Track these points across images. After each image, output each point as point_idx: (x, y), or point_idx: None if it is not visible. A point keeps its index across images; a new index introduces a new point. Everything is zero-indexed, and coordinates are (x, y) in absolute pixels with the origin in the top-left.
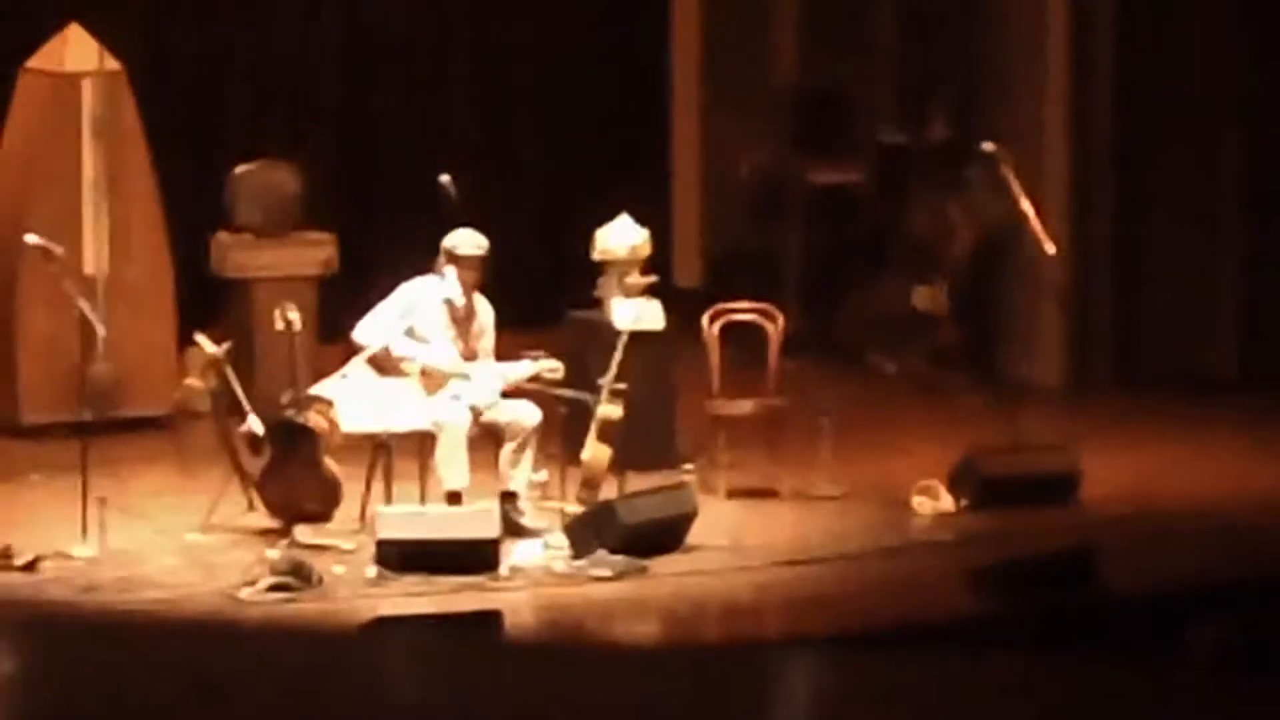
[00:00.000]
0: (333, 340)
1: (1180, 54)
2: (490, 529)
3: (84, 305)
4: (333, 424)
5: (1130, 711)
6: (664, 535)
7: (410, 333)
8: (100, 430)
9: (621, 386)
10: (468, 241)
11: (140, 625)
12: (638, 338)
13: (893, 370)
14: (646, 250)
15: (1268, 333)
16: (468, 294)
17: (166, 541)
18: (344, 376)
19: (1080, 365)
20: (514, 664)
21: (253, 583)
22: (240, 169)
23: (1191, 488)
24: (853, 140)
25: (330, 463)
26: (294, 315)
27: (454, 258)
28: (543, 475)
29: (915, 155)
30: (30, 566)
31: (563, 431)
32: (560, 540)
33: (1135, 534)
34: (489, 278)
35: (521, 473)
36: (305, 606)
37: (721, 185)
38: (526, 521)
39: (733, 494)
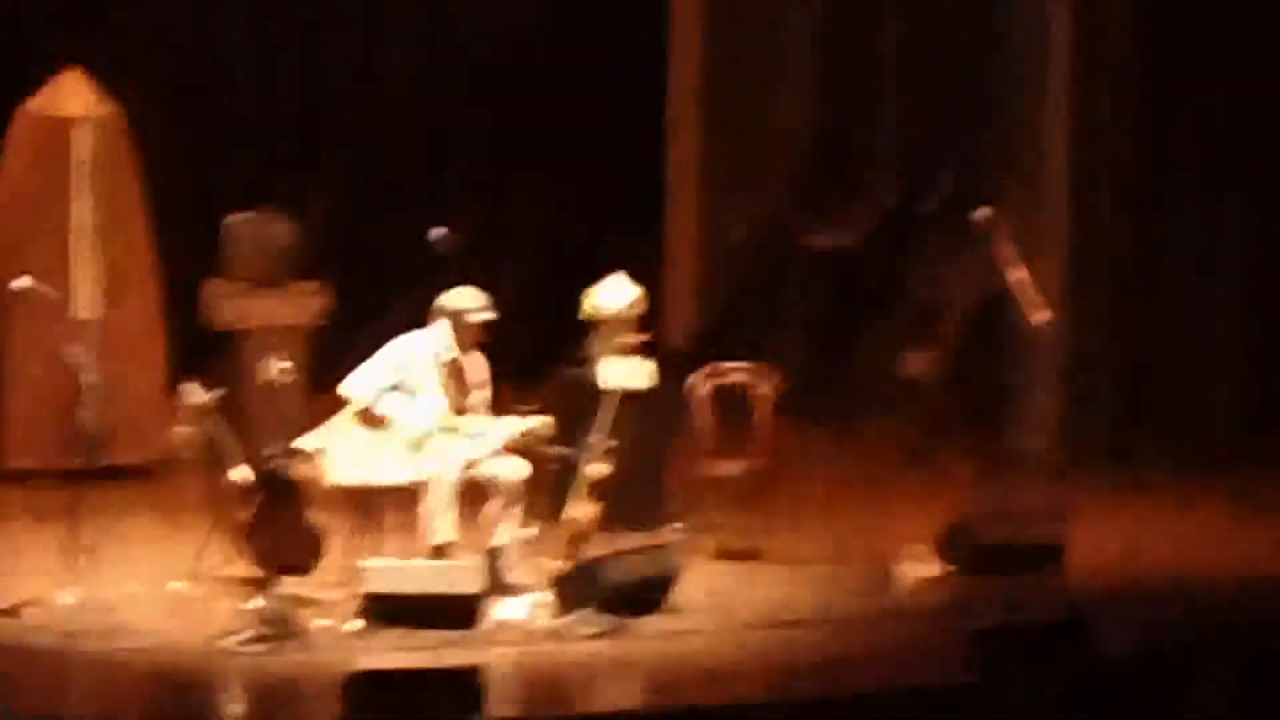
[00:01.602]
0: (324, 391)
1: (1184, 124)
2: (475, 584)
3: (73, 351)
4: (320, 476)
5: None
6: (649, 594)
7: (403, 386)
8: (87, 477)
9: (611, 444)
10: (471, 303)
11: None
12: (628, 396)
13: (884, 432)
14: (640, 308)
15: (1266, 406)
16: (464, 351)
17: (151, 590)
18: (333, 429)
19: (1074, 435)
20: None
21: (236, 632)
22: (236, 218)
23: (1179, 556)
24: (855, 201)
25: (316, 514)
26: (285, 365)
27: (455, 317)
28: (531, 531)
29: (915, 220)
30: (13, 612)
31: (551, 488)
32: (545, 597)
33: (1123, 601)
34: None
35: (508, 528)
36: (288, 658)
37: (716, 246)
38: (512, 578)
39: (721, 555)
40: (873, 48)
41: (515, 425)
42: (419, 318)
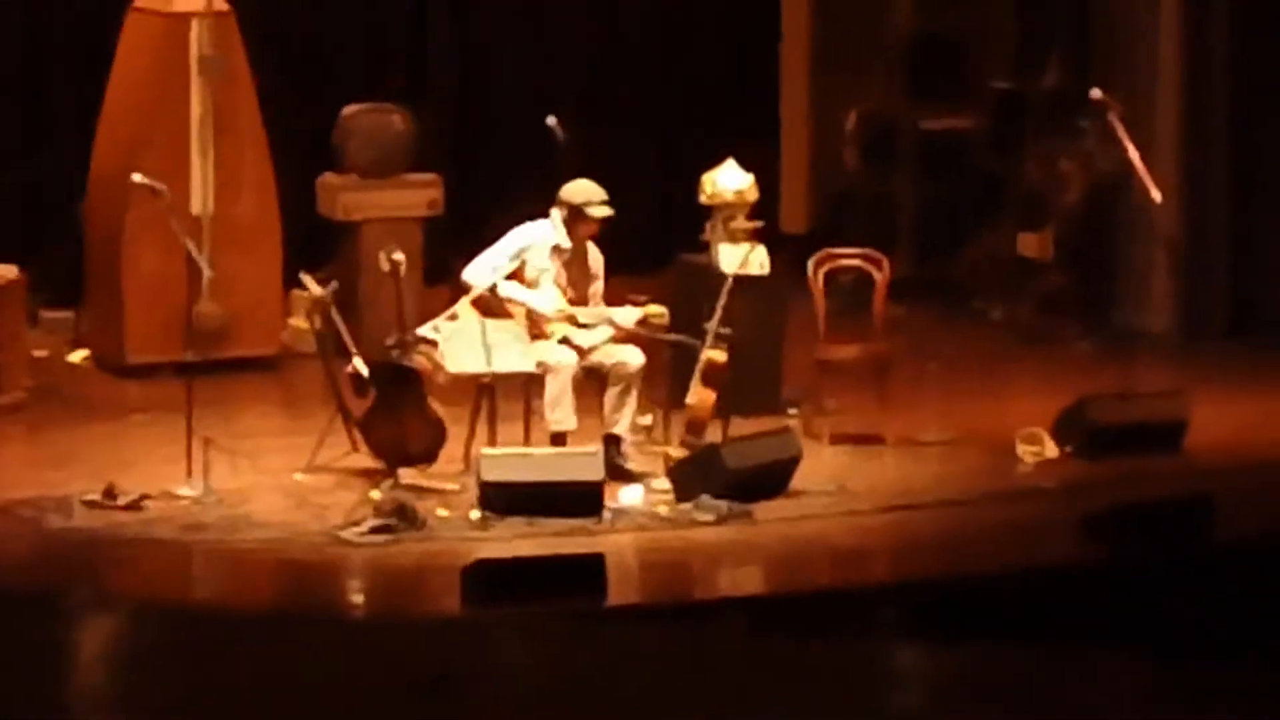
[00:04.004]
0: (438, 282)
1: None
2: (594, 472)
3: (190, 245)
4: (437, 365)
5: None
6: (768, 480)
7: (519, 276)
8: (206, 370)
9: (727, 331)
10: (592, 199)
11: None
12: (744, 282)
13: (999, 316)
14: (753, 195)
15: None
16: (581, 242)
17: (271, 482)
18: (450, 318)
19: (1191, 315)
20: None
21: (357, 523)
22: (350, 110)
23: None
24: (965, 87)
25: (434, 404)
26: (399, 256)
27: (575, 212)
28: (647, 419)
29: (1028, 102)
30: (135, 506)
31: (668, 375)
32: (664, 484)
33: (1242, 483)
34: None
35: (626, 416)
36: (408, 548)
37: (830, 131)
38: (630, 465)
39: (837, 439)
40: None
41: (631, 313)
42: (533, 210)
